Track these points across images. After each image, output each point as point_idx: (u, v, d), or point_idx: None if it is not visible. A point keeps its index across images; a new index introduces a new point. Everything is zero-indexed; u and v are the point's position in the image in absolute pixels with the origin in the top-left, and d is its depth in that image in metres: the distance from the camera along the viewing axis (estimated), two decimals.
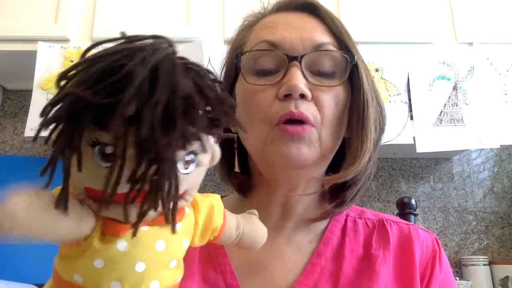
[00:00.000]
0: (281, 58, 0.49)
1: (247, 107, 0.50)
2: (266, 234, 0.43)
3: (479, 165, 1.66)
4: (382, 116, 0.54)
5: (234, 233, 0.39)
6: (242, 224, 0.40)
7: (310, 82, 0.48)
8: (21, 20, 1.39)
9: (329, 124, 0.49)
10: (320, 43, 0.50)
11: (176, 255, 0.32)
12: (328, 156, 0.51)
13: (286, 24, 0.51)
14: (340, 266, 0.50)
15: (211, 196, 0.37)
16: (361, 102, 0.50)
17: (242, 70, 0.51)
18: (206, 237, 0.36)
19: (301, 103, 0.47)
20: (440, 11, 1.48)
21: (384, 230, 0.54)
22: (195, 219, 0.35)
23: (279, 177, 0.52)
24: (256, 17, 0.57)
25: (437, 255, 0.53)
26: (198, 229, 0.35)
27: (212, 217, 0.36)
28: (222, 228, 0.38)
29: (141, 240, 0.29)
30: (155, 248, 0.30)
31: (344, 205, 0.52)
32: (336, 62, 0.50)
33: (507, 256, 1.55)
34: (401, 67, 1.41)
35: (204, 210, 0.35)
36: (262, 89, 0.49)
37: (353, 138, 0.50)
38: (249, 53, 0.51)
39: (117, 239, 0.29)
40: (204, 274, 0.50)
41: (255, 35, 0.53)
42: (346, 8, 1.45)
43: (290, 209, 0.54)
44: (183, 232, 0.33)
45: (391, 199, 1.60)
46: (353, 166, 0.48)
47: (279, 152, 0.47)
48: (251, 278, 0.50)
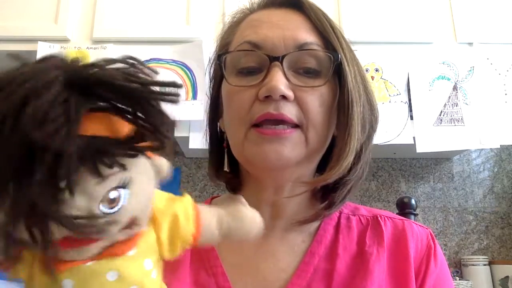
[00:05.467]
0: (263, 58, 0.48)
1: (229, 107, 0.50)
2: (258, 219, 0.41)
3: (479, 165, 1.66)
4: (373, 115, 0.53)
5: (216, 232, 0.37)
6: (226, 219, 0.38)
7: (292, 83, 0.47)
8: (21, 20, 1.39)
9: (315, 125, 0.48)
10: (303, 42, 0.49)
11: (136, 281, 0.30)
12: (314, 156, 0.50)
13: (270, 22, 0.50)
14: (333, 265, 0.49)
15: (176, 202, 0.35)
16: (346, 101, 0.48)
17: (224, 71, 0.50)
18: (176, 249, 0.34)
19: (282, 105, 0.46)
20: (440, 11, 1.48)
21: (378, 227, 0.53)
22: (156, 235, 0.33)
23: (263, 177, 0.51)
24: (244, 13, 0.56)
25: (432, 250, 0.52)
26: (163, 244, 0.33)
27: (177, 228, 0.34)
28: (197, 235, 0.35)
29: (88, 275, 0.28)
30: (106, 279, 0.28)
31: (334, 206, 0.52)
32: (320, 61, 0.49)
33: (507, 256, 1.55)
34: (401, 67, 1.41)
35: (166, 224, 0.33)
36: (242, 90, 0.48)
37: (338, 138, 0.49)
38: (232, 53, 0.51)
39: (62, 276, 0.28)
40: (195, 277, 0.49)
41: (240, 34, 0.53)
42: (346, 8, 1.45)
43: (280, 209, 0.53)
44: (141, 254, 0.31)
45: (391, 199, 1.60)
46: (335, 169, 0.47)
47: (257, 154, 0.46)
48: (243, 280, 0.49)
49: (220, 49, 0.56)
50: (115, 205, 0.27)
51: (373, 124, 0.53)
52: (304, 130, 0.47)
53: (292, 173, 0.50)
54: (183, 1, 1.43)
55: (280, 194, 0.52)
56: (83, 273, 0.28)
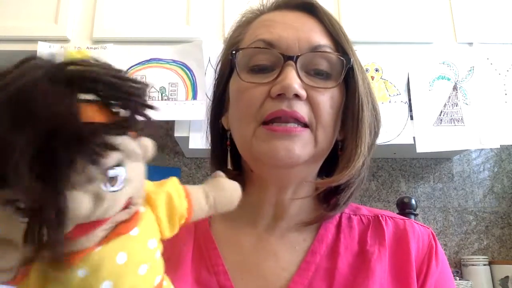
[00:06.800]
0: (277, 57, 0.48)
1: (239, 104, 0.50)
2: (238, 188, 0.41)
3: (479, 165, 1.66)
4: (377, 120, 0.53)
5: (205, 206, 0.39)
6: (211, 193, 0.40)
7: (305, 83, 0.48)
8: (21, 20, 1.39)
9: (325, 126, 0.48)
10: (317, 44, 0.49)
11: (144, 260, 0.31)
12: (320, 158, 0.51)
13: (284, 23, 0.51)
14: (335, 264, 0.50)
15: (166, 183, 0.37)
16: (356, 105, 0.49)
17: (236, 66, 0.50)
18: (175, 225, 0.36)
19: (295, 103, 0.47)
20: (440, 11, 1.48)
21: (379, 226, 0.53)
22: (155, 215, 0.34)
23: (268, 176, 0.51)
24: (255, 14, 0.56)
25: (434, 250, 0.52)
26: (163, 222, 0.35)
27: (173, 205, 0.36)
28: (190, 209, 0.37)
29: (100, 261, 0.29)
30: (116, 263, 0.29)
31: (338, 208, 0.52)
32: (332, 64, 0.50)
33: (507, 256, 1.55)
34: (401, 67, 1.41)
35: (162, 203, 0.35)
36: (254, 86, 0.49)
37: (347, 141, 0.50)
38: (244, 50, 0.51)
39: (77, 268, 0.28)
40: (197, 275, 0.49)
41: (252, 32, 0.53)
42: (346, 8, 1.45)
43: (283, 210, 0.53)
44: (144, 234, 0.32)
45: (391, 199, 1.60)
46: (347, 170, 0.48)
47: (266, 151, 0.47)
48: (245, 278, 0.49)
49: (230, 47, 0.55)
50: (115, 183, 0.28)
51: (376, 129, 0.54)
52: (314, 130, 0.48)
53: (299, 173, 0.50)
54: (183, 1, 1.43)
55: (283, 195, 0.52)
56: (95, 260, 0.28)
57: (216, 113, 0.58)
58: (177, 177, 0.40)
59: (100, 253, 0.29)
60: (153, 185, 0.36)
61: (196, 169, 1.61)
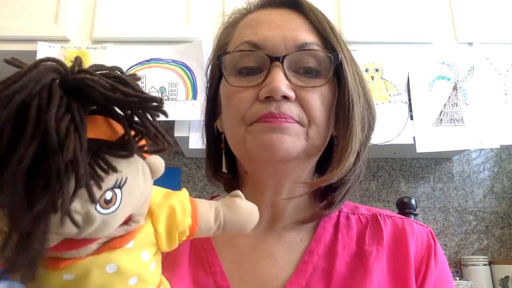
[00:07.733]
0: (263, 58, 0.48)
1: (229, 108, 0.50)
2: (255, 214, 0.40)
3: (479, 165, 1.66)
4: (371, 115, 0.53)
5: (213, 226, 0.38)
6: (223, 212, 0.38)
7: (293, 83, 0.47)
8: (21, 20, 1.38)
9: (317, 123, 0.48)
10: (303, 42, 0.49)
11: (135, 271, 0.31)
12: (313, 154, 0.51)
13: (269, 22, 0.50)
14: (332, 263, 0.49)
15: (173, 195, 0.36)
16: (346, 101, 0.49)
17: (224, 71, 0.50)
18: (174, 241, 0.35)
19: (283, 104, 0.46)
20: (440, 11, 1.48)
21: (377, 225, 0.53)
22: (154, 228, 0.34)
23: (263, 173, 0.51)
24: (241, 13, 0.56)
25: (432, 249, 0.52)
26: (161, 236, 0.34)
27: (174, 220, 0.35)
28: (193, 227, 0.36)
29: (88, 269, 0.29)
30: (106, 272, 0.29)
31: (334, 206, 0.52)
32: (320, 61, 0.49)
33: (507, 256, 1.55)
34: (401, 67, 1.41)
35: (163, 217, 0.34)
36: (242, 90, 0.48)
37: (339, 138, 0.50)
38: (231, 54, 0.51)
39: (61, 272, 0.28)
40: (194, 276, 0.49)
41: (238, 34, 0.52)
42: (346, 8, 1.45)
43: (279, 210, 0.53)
44: (139, 246, 0.32)
45: (391, 199, 1.60)
46: (338, 169, 0.48)
47: (259, 143, 0.46)
48: (242, 279, 0.49)
49: (218, 50, 0.55)
50: (111, 205, 0.27)
51: (371, 124, 0.53)
52: (306, 127, 0.48)
53: (292, 171, 0.50)
54: (183, 1, 1.43)
55: (279, 195, 0.52)
56: (83, 267, 0.28)
57: (210, 116, 0.58)
58: (177, 177, 0.39)
59: (89, 261, 0.29)
60: (162, 196, 0.35)
61: (196, 169, 1.61)
